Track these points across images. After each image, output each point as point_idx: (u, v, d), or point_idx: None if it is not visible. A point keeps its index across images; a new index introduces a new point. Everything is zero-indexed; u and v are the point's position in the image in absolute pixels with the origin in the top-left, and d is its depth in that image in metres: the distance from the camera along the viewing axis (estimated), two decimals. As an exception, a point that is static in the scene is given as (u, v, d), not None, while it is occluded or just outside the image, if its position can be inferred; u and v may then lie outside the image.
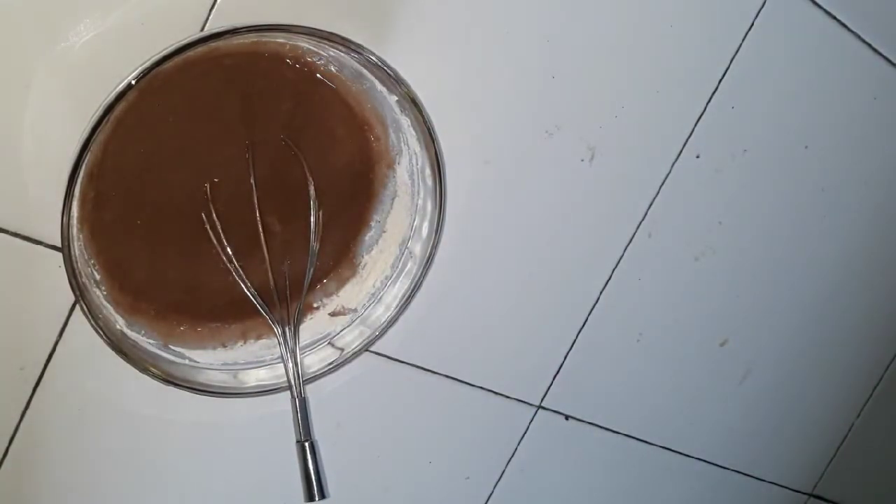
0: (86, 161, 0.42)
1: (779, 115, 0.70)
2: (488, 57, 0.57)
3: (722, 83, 0.65)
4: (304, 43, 0.48)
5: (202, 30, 0.48)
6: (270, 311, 0.52)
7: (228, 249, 0.49)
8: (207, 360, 0.51)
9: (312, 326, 0.54)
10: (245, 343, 0.53)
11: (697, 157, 0.67)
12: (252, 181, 0.49)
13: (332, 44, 0.46)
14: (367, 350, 0.54)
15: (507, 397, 0.67)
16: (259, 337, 0.53)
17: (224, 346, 0.52)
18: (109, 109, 0.41)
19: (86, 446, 0.47)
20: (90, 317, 0.44)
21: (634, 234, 0.67)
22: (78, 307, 0.47)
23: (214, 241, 0.49)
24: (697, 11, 0.63)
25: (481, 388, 0.65)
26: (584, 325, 0.68)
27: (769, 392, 0.82)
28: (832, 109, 0.73)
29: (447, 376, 0.63)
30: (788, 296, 0.79)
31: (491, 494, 0.69)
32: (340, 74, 0.50)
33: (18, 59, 0.44)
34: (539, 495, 0.72)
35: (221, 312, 0.52)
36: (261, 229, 0.50)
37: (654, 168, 0.66)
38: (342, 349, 0.54)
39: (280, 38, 0.47)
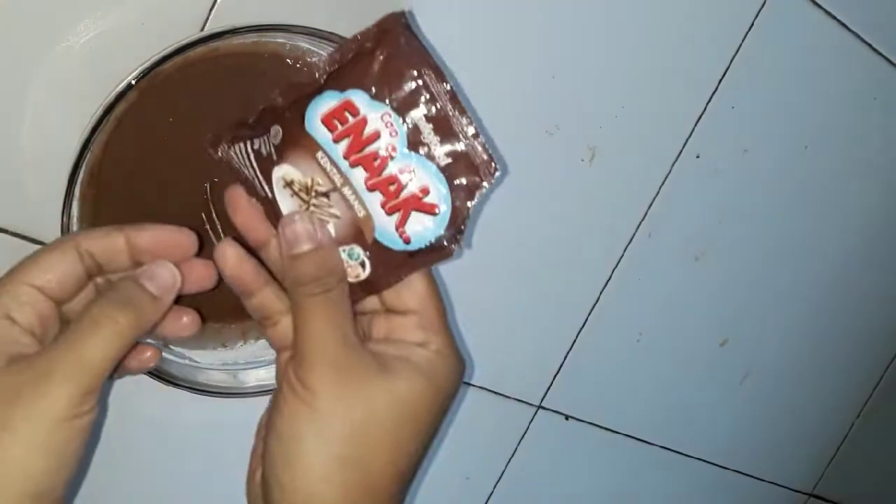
0: (86, 160, 0.42)
1: (779, 116, 0.70)
2: (488, 57, 0.57)
3: (722, 83, 0.65)
4: (304, 43, 0.48)
5: (202, 30, 0.48)
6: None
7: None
8: (207, 360, 0.51)
9: (312, 326, 0.54)
10: (245, 343, 0.53)
11: (697, 157, 0.67)
12: (252, 181, 0.49)
13: (332, 44, 0.46)
14: (367, 350, 0.54)
15: (507, 397, 0.67)
16: (259, 337, 0.53)
17: (224, 345, 0.52)
18: (109, 109, 0.41)
19: (86, 446, 0.47)
20: (90, 317, 0.44)
21: (634, 234, 0.67)
22: (78, 307, 0.47)
23: (214, 242, 0.49)
24: (697, 11, 0.63)
25: (481, 388, 0.65)
26: (584, 325, 0.68)
27: (769, 392, 0.82)
28: (832, 109, 0.73)
29: (447, 376, 0.63)
30: (788, 296, 0.79)
31: (491, 494, 0.69)
32: (340, 74, 0.50)
33: (18, 58, 0.44)
34: (539, 495, 0.72)
35: (221, 313, 0.52)
36: (261, 229, 0.50)
37: (654, 168, 0.66)
38: (342, 349, 0.54)
39: (280, 38, 0.47)
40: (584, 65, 0.60)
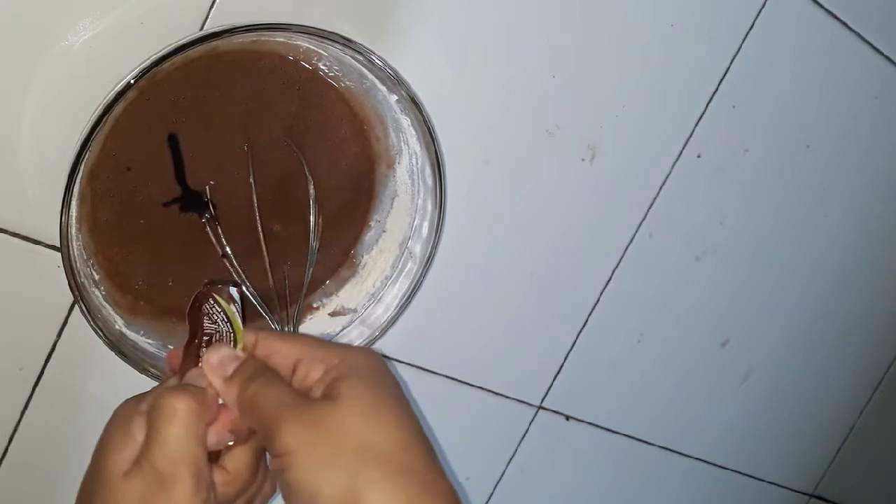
0: (85, 160, 0.42)
1: (780, 115, 0.70)
2: (488, 57, 0.57)
3: (723, 82, 0.65)
4: (304, 42, 0.48)
5: (201, 29, 0.47)
6: (270, 311, 0.52)
7: (228, 249, 0.49)
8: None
9: (312, 327, 0.54)
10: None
11: (698, 156, 0.67)
12: (251, 181, 0.49)
13: (332, 43, 0.46)
14: (366, 350, 0.54)
15: (507, 397, 0.67)
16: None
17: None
18: (109, 108, 0.41)
19: (85, 446, 0.47)
20: (89, 317, 0.44)
21: (635, 234, 0.67)
22: (77, 307, 0.47)
23: (214, 242, 0.49)
24: (698, 11, 0.63)
25: (481, 388, 0.65)
26: (584, 326, 0.68)
27: (770, 392, 0.82)
28: (833, 109, 0.73)
29: (447, 376, 0.63)
30: (789, 296, 0.79)
31: (491, 494, 0.69)
32: (341, 74, 0.50)
33: (17, 58, 0.44)
34: (539, 495, 0.72)
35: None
36: (260, 229, 0.50)
37: (655, 168, 0.66)
38: (342, 349, 0.54)
39: (280, 38, 0.47)
40: (585, 65, 0.60)
